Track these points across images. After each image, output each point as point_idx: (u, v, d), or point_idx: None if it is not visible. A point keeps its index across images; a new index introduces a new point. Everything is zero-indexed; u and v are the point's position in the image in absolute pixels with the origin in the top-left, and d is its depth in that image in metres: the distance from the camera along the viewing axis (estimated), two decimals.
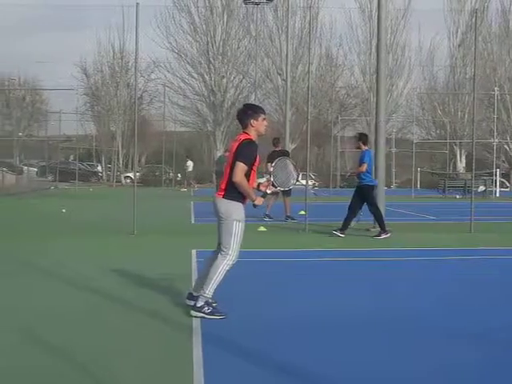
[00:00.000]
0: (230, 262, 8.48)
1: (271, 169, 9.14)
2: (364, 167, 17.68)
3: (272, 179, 9.02)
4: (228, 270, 8.49)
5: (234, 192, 8.49)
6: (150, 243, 16.42)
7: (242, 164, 8.42)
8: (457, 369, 6.54)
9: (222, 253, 8.50)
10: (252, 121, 8.67)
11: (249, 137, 8.63)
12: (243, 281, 10.38)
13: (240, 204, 8.53)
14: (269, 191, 8.92)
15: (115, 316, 8.64)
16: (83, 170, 63.12)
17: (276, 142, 23.10)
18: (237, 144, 8.62)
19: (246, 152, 8.51)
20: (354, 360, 6.82)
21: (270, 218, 21.97)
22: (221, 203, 8.54)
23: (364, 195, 17.80)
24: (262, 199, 8.74)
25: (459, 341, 7.53)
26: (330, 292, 10.37)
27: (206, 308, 8.40)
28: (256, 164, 8.60)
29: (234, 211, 8.48)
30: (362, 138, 18.37)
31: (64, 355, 6.83)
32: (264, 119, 8.77)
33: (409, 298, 9.91)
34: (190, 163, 53.90)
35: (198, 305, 8.43)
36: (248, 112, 8.76)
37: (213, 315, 8.34)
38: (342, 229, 17.73)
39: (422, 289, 10.77)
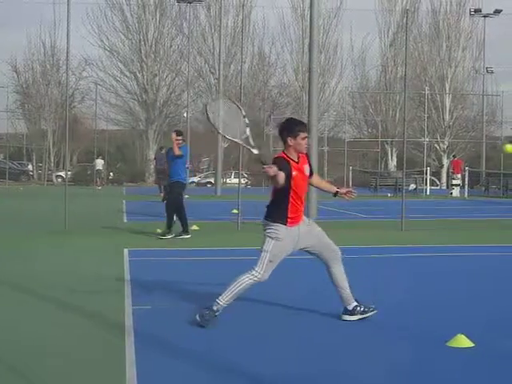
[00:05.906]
0: (254, 278, 7.81)
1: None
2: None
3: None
4: (249, 286, 7.88)
5: (273, 213, 7.92)
6: (82, 242, 16.23)
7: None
8: (392, 366, 6.63)
9: (254, 266, 7.91)
10: (289, 139, 7.95)
11: (279, 155, 7.99)
12: (181, 279, 10.34)
13: (279, 225, 7.82)
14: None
15: (45, 316, 8.53)
16: (13, 169, 62.09)
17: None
18: None
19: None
20: (295, 359, 6.87)
21: None
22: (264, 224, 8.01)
23: (174, 191, 17.14)
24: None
25: (391, 339, 7.62)
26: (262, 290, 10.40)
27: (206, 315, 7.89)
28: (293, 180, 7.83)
29: (271, 229, 7.83)
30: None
31: None
32: (304, 138, 8.01)
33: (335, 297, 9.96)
34: (98, 161, 53.26)
35: (213, 308, 7.91)
36: (284, 128, 8.05)
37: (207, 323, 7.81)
38: (185, 229, 17.00)
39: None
